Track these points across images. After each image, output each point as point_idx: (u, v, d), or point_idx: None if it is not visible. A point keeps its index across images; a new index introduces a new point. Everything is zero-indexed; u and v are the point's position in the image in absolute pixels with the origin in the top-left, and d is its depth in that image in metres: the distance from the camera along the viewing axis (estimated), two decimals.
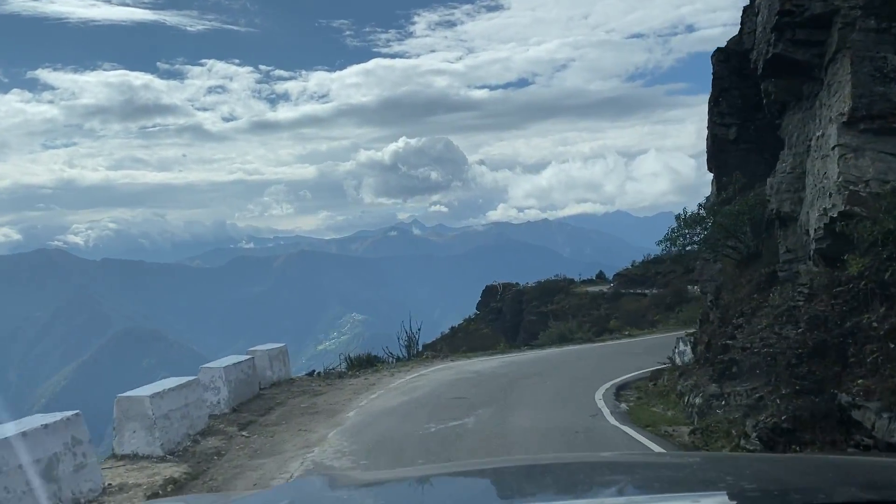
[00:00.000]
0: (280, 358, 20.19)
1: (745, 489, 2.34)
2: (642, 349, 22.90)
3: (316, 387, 18.76)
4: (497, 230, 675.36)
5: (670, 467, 3.14)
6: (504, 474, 3.07)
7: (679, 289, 78.09)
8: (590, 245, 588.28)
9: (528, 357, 23.01)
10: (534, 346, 26.76)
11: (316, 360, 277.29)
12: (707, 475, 2.70)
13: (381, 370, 21.26)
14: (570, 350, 24.39)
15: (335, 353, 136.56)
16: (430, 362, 22.51)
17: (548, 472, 2.97)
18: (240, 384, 17.03)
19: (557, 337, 26.22)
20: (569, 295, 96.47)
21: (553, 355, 23.06)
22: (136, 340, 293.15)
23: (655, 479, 2.72)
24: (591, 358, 21.97)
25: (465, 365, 21.51)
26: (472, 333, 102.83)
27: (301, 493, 2.88)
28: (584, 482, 2.75)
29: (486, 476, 3.09)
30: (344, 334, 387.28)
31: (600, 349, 24.26)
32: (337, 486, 3.07)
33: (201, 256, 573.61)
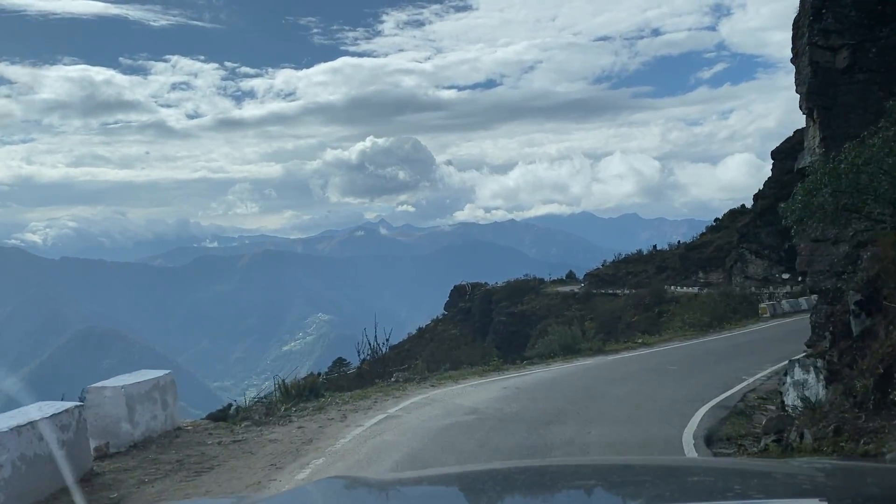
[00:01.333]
0: (153, 397, 11.13)
1: (755, 497, 2.34)
2: (675, 363, 18.28)
3: (212, 446, 10.80)
4: (464, 230, 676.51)
5: (678, 473, 3.07)
6: (517, 477, 3.06)
7: (657, 289, 79.01)
8: (556, 245, 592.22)
9: (536, 379, 16.34)
10: (534, 361, 20.20)
11: (281, 362, 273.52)
12: (715, 484, 2.65)
13: (330, 406, 13.32)
14: (583, 367, 18.36)
15: (301, 354, 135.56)
16: (402, 390, 15.15)
17: (558, 475, 3.02)
18: (34, 467, 8.48)
19: (561, 347, 20.65)
20: (539, 295, 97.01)
21: (567, 376, 16.81)
22: (96, 341, 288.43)
23: (661, 486, 2.69)
24: (621, 380, 15.61)
25: (454, 395, 14.60)
26: (440, 334, 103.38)
27: (322, 495, 2.84)
28: (589, 486, 2.75)
29: (500, 478, 3.10)
30: (309, 335, 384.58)
31: (623, 365, 18.47)
32: (358, 486, 3.10)
33: (164, 255, 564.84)
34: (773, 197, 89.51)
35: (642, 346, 22.93)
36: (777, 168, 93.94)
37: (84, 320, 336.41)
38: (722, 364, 17.57)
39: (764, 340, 23.82)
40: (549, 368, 18.16)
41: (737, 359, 18.59)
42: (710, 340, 24.46)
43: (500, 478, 3.10)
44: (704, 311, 34.08)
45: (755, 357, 18.87)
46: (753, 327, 29.79)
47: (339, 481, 3.20)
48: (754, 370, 16.13)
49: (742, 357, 19.03)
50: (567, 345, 20.54)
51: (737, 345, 22.48)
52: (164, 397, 11.31)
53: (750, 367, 16.71)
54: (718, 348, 21.53)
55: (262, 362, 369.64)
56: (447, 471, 5.03)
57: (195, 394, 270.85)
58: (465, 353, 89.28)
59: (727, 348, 21.51)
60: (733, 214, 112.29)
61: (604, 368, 17.89)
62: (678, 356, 19.90)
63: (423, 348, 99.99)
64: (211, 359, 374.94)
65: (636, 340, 23.33)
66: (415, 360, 20.32)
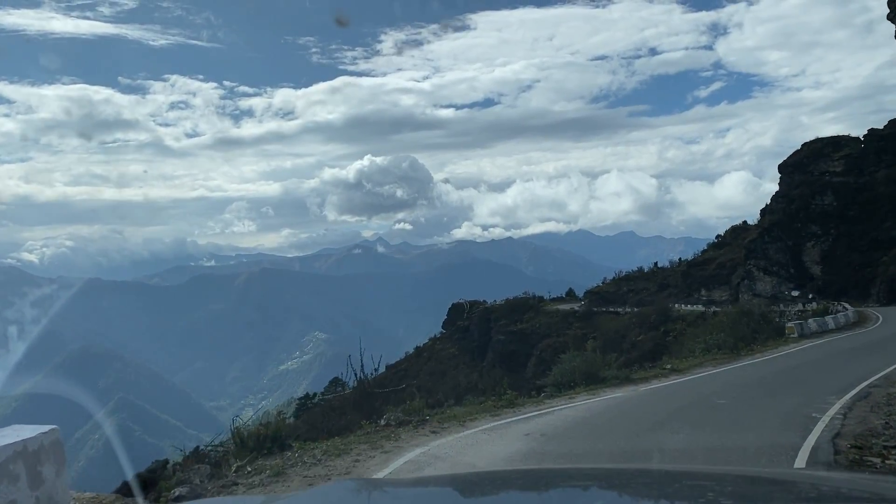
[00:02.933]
0: (13, 472, 6.29)
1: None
2: (722, 395, 14.93)
3: None
4: (461, 248, 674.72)
5: (677, 478, 3.07)
6: (523, 482, 3.17)
7: (662, 307, 76.42)
8: (553, 263, 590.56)
9: (563, 420, 12.70)
10: (552, 394, 16.43)
11: (278, 381, 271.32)
12: (692, 490, 2.69)
13: (294, 467, 9.91)
14: (615, 402, 14.72)
15: (297, 373, 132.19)
16: (393, 440, 11.63)
17: (561, 481, 3.06)
18: None
19: (583, 376, 17.27)
20: (539, 313, 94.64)
21: (600, 416, 13.10)
22: (92, 360, 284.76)
23: (659, 490, 2.70)
24: (669, 421, 12.10)
25: (462, 447, 11.05)
26: (438, 353, 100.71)
27: (337, 496, 2.89)
28: (587, 489, 2.81)
29: (509, 482, 3.20)
30: (306, 353, 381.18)
31: (662, 399, 14.93)
32: (372, 489, 3.16)
33: (160, 274, 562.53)
34: (781, 212, 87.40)
35: (672, 372, 19.76)
36: (784, 182, 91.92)
37: (80, 339, 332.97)
38: (777, 397, 14.63)
39: (807, 366, 21.16)
40: (574, 404, 14.72)
41: (790, 389, 15.81)
42: (746, 366, 21.69)
43: (500, 482, 3.26)
44: (724, 330, 31.36)
45: (809, 386, 16.22)
46: (786, 349, 27.10)
47: (352, 483, 3.39)
48: (820, 404, 13.35)
49: (795, 386, 16.31)
50: (589, 372, 17.29)
51: (780, 371, 19.73)
52: (35, 469, 6.59)
53: (812, 399, 13.96)
54: (761, 376, 18.71)
55: (258, 381, 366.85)
56: (458, 474, 5.38)
57: (191, 414, 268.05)
58: (465, 374, 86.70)
59: (771, 376, 18.72)
60: (735, 231, 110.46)
61: (640, 405, 14.54)
62: (720, 386, 16.98)
63: (421, 367, 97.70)
64: (207, 378, 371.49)
65: (664, 366, 20.37)
66: (411, 394, 16.83)
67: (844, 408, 12.94)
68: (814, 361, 22.28)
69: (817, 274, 79.56)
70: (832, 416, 12.07)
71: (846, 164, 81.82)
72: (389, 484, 3.78)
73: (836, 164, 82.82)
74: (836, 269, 76.78)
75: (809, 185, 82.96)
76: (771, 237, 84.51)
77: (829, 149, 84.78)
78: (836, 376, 17.97)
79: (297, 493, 4.38)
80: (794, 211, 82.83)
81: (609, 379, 17.37)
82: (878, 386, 15.96)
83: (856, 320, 41.94)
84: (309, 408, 69.34)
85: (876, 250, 74.53)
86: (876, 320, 42.33)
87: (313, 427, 12.71)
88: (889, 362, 20.36)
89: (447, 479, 3.99)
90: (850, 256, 76.43)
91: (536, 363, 76.01)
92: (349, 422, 13.26)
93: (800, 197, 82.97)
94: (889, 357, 21.95)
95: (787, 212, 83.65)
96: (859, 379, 17.01)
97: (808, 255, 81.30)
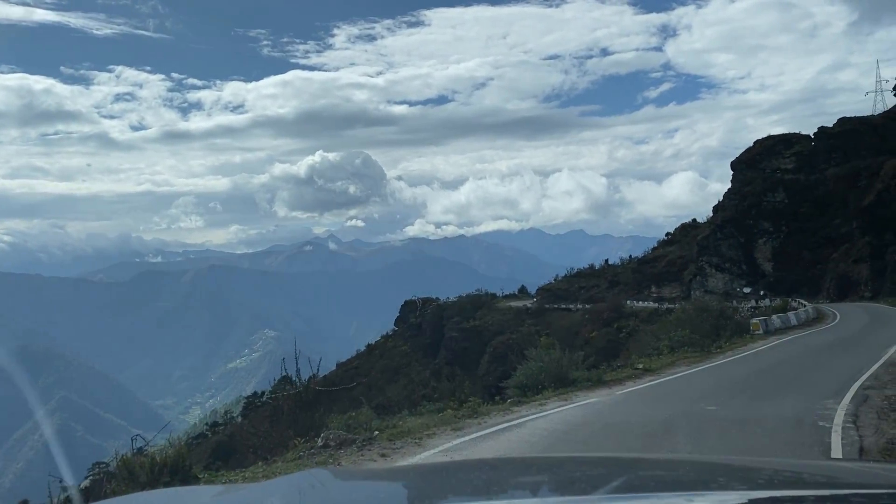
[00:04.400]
0: None
1: (736, 490, 2.36)
2: (709, 400, 13.37)
3: None
4: (414, 246, 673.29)
5: (664, 466, 3.10)
6: (503, 468, 3.12)
7: (616, 304, 75.84)
8: (505, 261, 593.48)
9: (535, 434, 10.82)
10: (519, 399, 14.50)
11: (226, 379, 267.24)
12: (699, 476, 2.72)
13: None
14: (592, 410, 13.00)
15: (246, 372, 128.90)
16: (333, 465, 9.62)
17: (544, 468, 3.04)
18: None
19: (551, 378, 15.27)
20: (492, 310, 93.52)
21: (578, 430, 11.10)
22: (32, 359, 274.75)
23: (647, 479, 2.70)
24: (662, 434, 10.40)
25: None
26: (390, 351, 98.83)
27: (309, 484, 2.81)
28: (578, 479, 2.75)
29: (485, 470, 3.12)
30: (255, 351, 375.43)
31: (644, 405, 13.57)
32: (344, 477, 3.13)
33: (104, 270, 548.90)
34: (733, 208, 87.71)
35: (646, 373, 18.13)
36: (737, 179, 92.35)
37: (19, 338, 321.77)
38: (771, 401, 13.09)
39: (786, 365, 19.93)
40: (546, 412, 12.74)
41: (781, 392, 14.38)
42: (721, 365, 20.34)
43: (487, 468, 3.18)
44: (686, 327, 30.13)
45: (800, 389, 14.91)
46: (755, 347, 25.97)
47: (324, 472, 3.21)
48: (821, 410, 11.92)
49: (784, 388, 14.94)
50: (557, 374, 15.43)
51: (760, 371, 18.37)
52: None
53: (811, 404, 12.53)
54: (742, 377, 17.28)
55: (206, 380, 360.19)
56: (438, 463, 5.80)
57: (136, 413, 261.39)
58: (418, 372, 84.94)
59: (753, 376, 17.31)
60: (685, 228, 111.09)
61: (622, 414, 12.64)
62: (703, 389, 15.42)
63: (373, 365, 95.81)
64: (153, 377, 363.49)
65: (636, 366, 18.76)
66: (361, 392, 14.81)
67: (849, 415, 11.52)
68: (790, 360, 21.09)
69: (769, 270, 79.93)
70: (842, 425, 10.60)
71: (797, 162, 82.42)
72: (361, 474, 3.69)
73: (788, 162, 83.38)
74: (788, 266, 77.19)
75: (761, 182, 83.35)
76: (723, 234, 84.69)
77: (780, 146, 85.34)
78: (821, 377, 16.74)
79: (262, 483, 4.09)
80: (746, 208, 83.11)
81: (579, 381, 15.56)
82: (872, 388, 14.74)
83: (815, 317, 41.51)
84: (257, 406, 67.06)
85: (826, 247, 75.10)
86: (833, 317, 41.97)
87: (233, 450, 10.51)
88: (868, 361, 19.43)
89: (427, 468, 3.81)
90: (801, 253, 76.90)
91: (489, 360, 74.80)
92: (283, 436, 11.18)
93: (752, 194, 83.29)
94: (864, 354, 21.08)
95: (740, 208, 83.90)
96: (848, 379, 15.83)
97: (760, 252, 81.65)
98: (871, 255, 66.76)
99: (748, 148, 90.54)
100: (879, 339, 26.80)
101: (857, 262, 69.45)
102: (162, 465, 7.69)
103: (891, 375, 16.61)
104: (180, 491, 4.76)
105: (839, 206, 75.12)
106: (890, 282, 62.98)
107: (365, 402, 14.35)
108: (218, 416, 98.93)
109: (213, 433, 69.19)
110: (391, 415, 13.29)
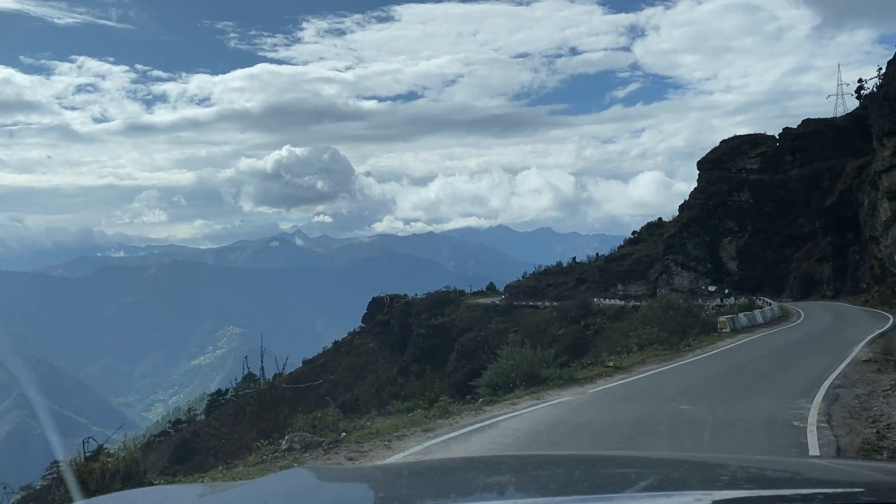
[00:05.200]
0: None
1: (731, 488, 2.34)
2: (682, 399, 13.17)
3: None
4: (382, 242, 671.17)
5: (660, 465, 3.08)
6: (495, 468, 3.06)
7: (583, 301, 76.17)
8: (473, 258, 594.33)
9: (511, 436, 10.43)
10: (490, 398, 14.04)
11: (189, 376, 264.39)
12: (699, 475, 2.72)
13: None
14: (566, 409, 12.70)
15: (211, 369, 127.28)
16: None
17: (538, 467, 3.01)
18: None
19: (522, 376, 14.90)
20: (460, 307, 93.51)
21: (554, 430, 10.71)
22: None
23: (620, 477, 2.68)
24: (637, 436, 9.99)
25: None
26: (357, 348, 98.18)
27: (293, 484, 2.81)
28: (575, 479, 2.70)
29: (476, 469, 3.06)
30: (220, 348, 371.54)
31: (618, 403, 13.37)
32: (325, 478, 3.09)
33: (64, 265, 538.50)
34: (699, 208, 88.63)
35: (617, 371, 17.90)
36: (703, 178, 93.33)
37: None
38: (743, 400, 12.93)
39: (756, 363, 19.95)
40: (519, 412, 12.41)
41: (753, 391, 14.27)
42: (691, 363, 20.25)
43: (482, 467, 3.12)
44: (653, 325, 30.15)
45: (771, 387, 14.87)
46: (723, 345, 26.02)
47: (306, 471, 3.21)
48: (794, 409, 11.80)
49: (756, 387, 14.86)
50: (529, 372, 15.13)
51: (730, 369, 18.30)
52: None
53: (783, 403, 12.43)
54: (713, 374, 17.18)
55: (169, 377, 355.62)
56: (426, 461, 5.62)
57: (97, 411, 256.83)
58: (385, 369, 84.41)
59: (723, 374, 17.22)
60: (651, 227, 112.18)
61: (596, 413, 12.39)
62: (676, 388, 15.11)
63: (340, 362, 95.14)
64: (114, 374, 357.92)
65: (607, 364, 18.54)
66: (327, 390, 14.36)
67: (823, 414, 11.41)
68: (760, 358, 21.12)
69: (733, 269, 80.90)
70: (816, 424, 10.47)
71: (762, 162, 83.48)
72: (344, 473, 3.61)
73: (753, 162, 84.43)
74: (752, 265, 78.21)
75: (727, 181, 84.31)
76: (689, 233, 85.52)
77: (746, 146, 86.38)
78: (792, 375, 16.72)
79: (247, 482, 3.98)
80: (711, 207, 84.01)
81: (551, 379, 15.26)
82: (842, 386, 14.72)
83: (780, 315, 41.94)
84: (221, 404, 66.06)
85: (790, 246, 76.24)
86: (798, 315, 42.46)
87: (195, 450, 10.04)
88: (835, 359, 19.53)
89: (414, 465, 3.80)
90: (765, 252, 77.95)
91: (458, 357, 74.66)
92: (246, 438, 10.70)
93: (717, 193, 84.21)
94: (831, 353, 21.20)
95: (705, 208, 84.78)
96: (818, 378, 15.83)
97: (725, 251, 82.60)
98: (833, 254, 67.85)
99: (714, 148, 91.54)
100: (844, 337, 27.07)
101: (820, 262, 70.57)
102: (114, 471, 7.20)
103: (859, 374, 16.68)
104: (165, 489, 4.68)
105: (802, 207, 76.26)
106: (851, 281, 64.07)
107: (331, 402, 13.91)
108: (181, 414, 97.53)
109: (176, 431, 68.04)
110: (359, 414, 12.84)
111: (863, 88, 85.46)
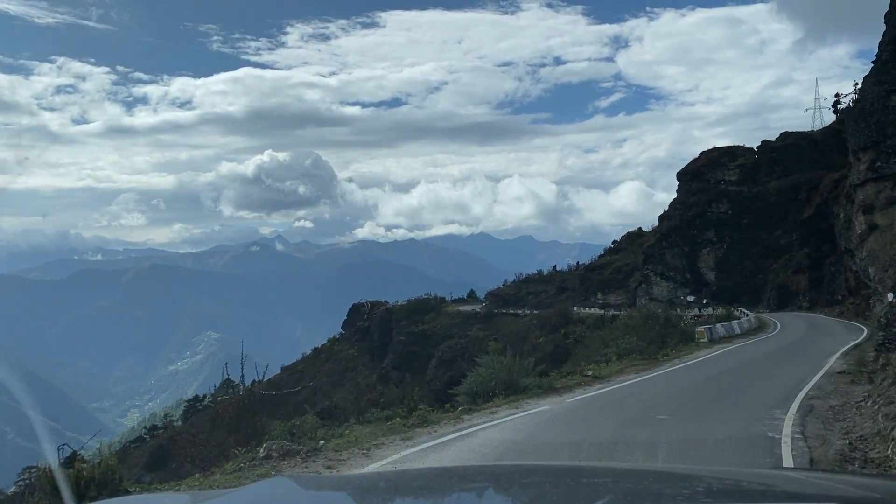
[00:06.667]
0: None
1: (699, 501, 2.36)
2: (659, 409, 13.16)
3: None
4: (364, 248, 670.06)
5: (635, 476, 3.04)
6: (471, 478, 3.03)
7: (563, 309, 76.42)
8: (454, 265, 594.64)
9: (493, 447, 10.34)
10: (469, 407, 14.02)
11: (166, 381, 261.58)
12: (674, 486, 2.69)
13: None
14: (544, 419, 12.63)
15: (188, 374, 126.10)
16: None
17: (513, 478, 2.97)
18: None
19: (501, 385, 14.83)
20: (440, 314, 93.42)
21: (532, 438, 10.82)
22: None
23: (616, 489, 2.65)
24: (614, 445, 9.98)
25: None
26: (337, 354, 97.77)
27: (276, 493, 2.78)
28: (550, 489, 2.67)
29: (452, 479, 3.04)
30: (198, 353, 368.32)
31: (596, 413, 13.24)
32: (305, 487, 3.06)
33: (41, 268, 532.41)
34: (678, 218, 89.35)
35: (595, 380, 17.96)
36: (682, 189, 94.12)
37: None
38: (718, 409, 13.10)
39: (732, 373, 20.16)
40: (498, 421, 12.42)
41: (729, 401, 14.44)
42: (669, 373, 20.42)
43: (457, 477, 3.10)
44: (632, 334, 30.36)
45: (747, 398, 15.02)
46: (701, 355, 26.23)
47: (289, 480, 3.14)
48: (769, 420, 11.97)
49: (732, 397, 15.03)
50: (508, 381, 15.12)
51: (708, 379, 18.48)
52: None
53: (758, 414, 12.58)
54: (690, 384, 17.35)
55: (146, 382, 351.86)
56: (403, 471, 5.74)
57: (71, 416, 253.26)
58: (365, 376, 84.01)
59: (701, 384, 17.41)
60: (631, 237, 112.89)
61: (574, 422, 12.35)
62: (653, 397, 15.19)
63: (319, 369, 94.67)
64: (90, 378, 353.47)
65: (586, 373, 18.61)
66: (306, 398, 14.32)
67: (797, 424, 11.57)
68: (736, 368, 21.34)
69: (712, 280, 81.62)
70: (791, 436, 10.61)
71: (741, 174, 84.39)
72: (326, 481, 3.65)
73: (732, 174, 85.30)
74: (730, 275, 78.97)
75: (706, 192, 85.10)
76: (668, 243, 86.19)
77: (725, 158, 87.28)
78: (767, 386, 16.91)
79: (229, 491, 3.77)
80: (691, 218, 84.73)
81: (530, 388, 15.30)
82: (816, 398, 14.92)
83: (757, 326, 42.38)
84: (199, 410, 65.44)
85: (767, 258, 77.05)
86: (774, 326, 42.90)
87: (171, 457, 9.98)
88: (810, 370, 19.77)
89: (391, 475, 3.77)
90: (742, 263, 78.75)
91: (437, 365, 74.60)
92: (223, 445, 10.62)
93: (697, 204, 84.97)
94: (806, 364, 21.45)
95: (685, 218, 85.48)
96: (793, 389, 16.04)
97: (704, 261, 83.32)
98: (809, 266, 68.66)
99: (694, 159, 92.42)
100: (819, 348, 27.41)
101: (796, 273, 71.38)
102: (89, 478, 7.13)
103: (833, 385, 16.90)
104: (148, 498, 4.65)
105: (780, 218, 77.15)
106: (827, 292, 64.84)
107: (309, 409, 13.84)
108: (157, 420, 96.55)
109: (152, 437, 67.30)
110: (337, 421, 12.80)
111: (839, 103, 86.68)
